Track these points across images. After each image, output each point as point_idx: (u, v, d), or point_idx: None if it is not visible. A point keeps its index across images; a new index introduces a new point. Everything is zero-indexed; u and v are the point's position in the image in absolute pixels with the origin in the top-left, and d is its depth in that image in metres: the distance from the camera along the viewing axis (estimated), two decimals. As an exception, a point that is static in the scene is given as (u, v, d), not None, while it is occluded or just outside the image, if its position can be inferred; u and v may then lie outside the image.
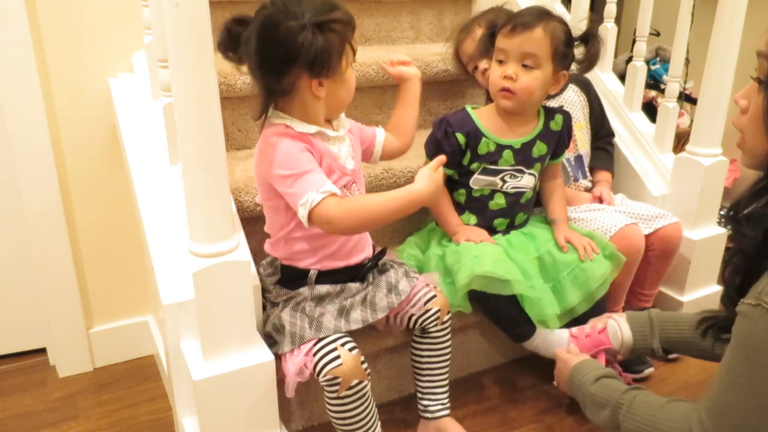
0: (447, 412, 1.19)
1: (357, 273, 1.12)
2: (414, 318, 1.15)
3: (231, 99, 1.36)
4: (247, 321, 1.00)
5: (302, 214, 0.95)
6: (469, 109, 1.35)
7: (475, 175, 1.33)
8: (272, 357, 1.02)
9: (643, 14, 1.63)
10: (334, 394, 1.00)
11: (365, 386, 1.02)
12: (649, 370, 1.40)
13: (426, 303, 1.14)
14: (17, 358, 1.62)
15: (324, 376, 0.99)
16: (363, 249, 1.14)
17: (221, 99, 0.93)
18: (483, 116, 1.34)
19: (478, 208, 1.36)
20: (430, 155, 1.33)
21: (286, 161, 0.97)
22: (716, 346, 1.06)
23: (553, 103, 1.56)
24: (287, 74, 0.97)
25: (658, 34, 2.25)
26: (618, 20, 1.77)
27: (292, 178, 0.96)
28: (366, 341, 1.20)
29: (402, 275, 1.15)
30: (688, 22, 1.55)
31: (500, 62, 1.28)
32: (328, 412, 1.05)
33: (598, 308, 1.34)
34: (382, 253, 1.17)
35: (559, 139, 1.38)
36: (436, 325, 1.14)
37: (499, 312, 1.31)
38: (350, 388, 1.00)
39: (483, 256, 1.25)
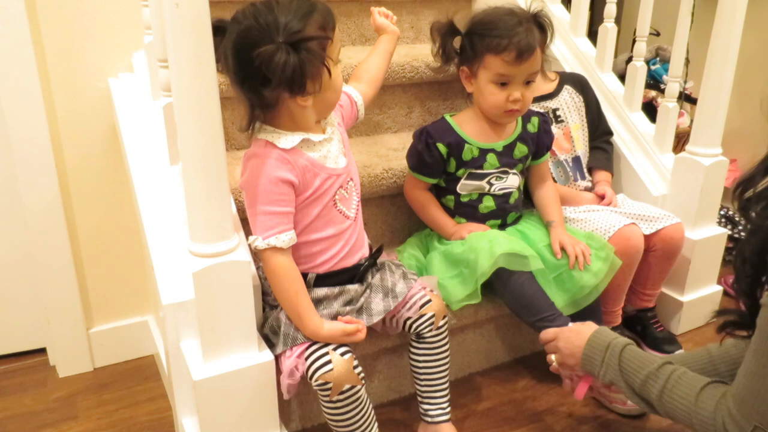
0: (447, 417, 1.18)
1: (355, 273, 1.12)
2: (409, 322, 1.14)
3: (231, 99, 1.36)
4: (247, 321, 1.00)
5: (250, 244, 1.03)
6: (448, 118, 1.35)
7: (462, 181, 1.33)
8: (272, 357, 1.02)
9: (643, 14, 1.63)
10: (327, 398, 1.00)
11: (358, 390, 1.02)
12: (679, 352, 1.40)
13: (421, 307, 1.13)
14: (17, 358, 1.62)
15: (315, 380, 0.99)
16: (360, 249, 1.14)
17: (221, 99, 0.93)
18: (463, 123, 1.33)
19: (468, 212, 1.36)
20: (413, 167, 1.33)
21: (256, 189, 1.00)
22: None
23: (549, 105, 1.56)
24: (268, 90, 0.96)
25: (658, 34, 2.25)
26: (618, 20, 1.77)
27: (254, 208, 1.01)
28: (366, 342, 1.19)
29: (399, 277, 1.15)
30: (688, 22, 1.55)
31: (502, 85, 1.26)
32: (324, 414, 1.05)
33: (594, 309, 1.34)
34: (379, 251, 1.17)
35: (538, 140, 1.39)
36: (430, 330, 1.13)
37: (524, 293, 1.24)
38: (342, 392, 0.99)
39: (498, 238, 1.26)
